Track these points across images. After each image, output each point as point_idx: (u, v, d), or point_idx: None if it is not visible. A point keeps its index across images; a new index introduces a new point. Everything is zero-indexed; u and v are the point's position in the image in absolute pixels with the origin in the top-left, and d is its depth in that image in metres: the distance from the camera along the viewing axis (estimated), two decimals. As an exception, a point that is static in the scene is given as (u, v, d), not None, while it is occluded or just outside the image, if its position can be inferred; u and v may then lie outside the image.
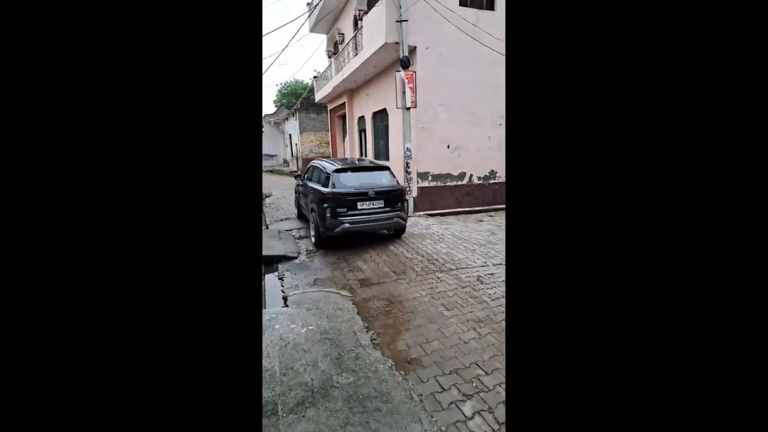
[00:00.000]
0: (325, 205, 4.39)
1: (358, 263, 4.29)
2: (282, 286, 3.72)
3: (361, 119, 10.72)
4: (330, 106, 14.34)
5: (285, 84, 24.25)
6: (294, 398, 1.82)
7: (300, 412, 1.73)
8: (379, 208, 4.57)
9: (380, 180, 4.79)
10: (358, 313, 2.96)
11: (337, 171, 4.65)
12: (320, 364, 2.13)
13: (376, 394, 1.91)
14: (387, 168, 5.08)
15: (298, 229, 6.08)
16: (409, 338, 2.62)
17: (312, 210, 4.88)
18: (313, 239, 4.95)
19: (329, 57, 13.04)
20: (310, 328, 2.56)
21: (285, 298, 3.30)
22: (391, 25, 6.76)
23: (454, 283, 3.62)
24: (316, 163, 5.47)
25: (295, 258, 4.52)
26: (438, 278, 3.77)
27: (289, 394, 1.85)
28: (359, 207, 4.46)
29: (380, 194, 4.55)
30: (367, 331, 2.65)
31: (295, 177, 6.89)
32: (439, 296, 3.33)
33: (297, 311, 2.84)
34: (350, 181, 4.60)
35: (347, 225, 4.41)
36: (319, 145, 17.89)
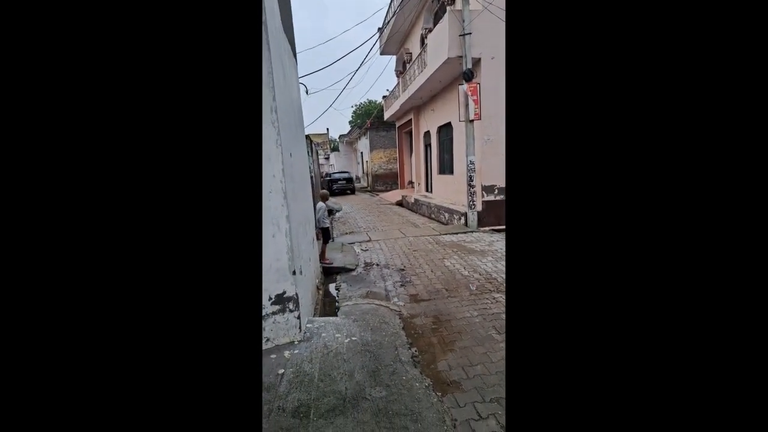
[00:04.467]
0: (330, 182, 17.22)
1: (411, 278, 4.29)
2: (337, 296, 3.93)
3: (427, 134, 10.81)
4: (398, 124, 14.79)
5: (359, 105, 25.84)
6: (326, 405, 1.91)
7: (330, 418, 1.81)
8: (344, 183, 17.48)
9: (345, 175, 18.19)
10: (403, 329, 2.96)
11: (335, 173, 20.00)
12: (356, 375, 2.19)
13: (407, 412, 1.88)
14: (348, 172, 19.60)
15: (360, 242, 6.35)
16: (452, 359, 2.52)
17: (327, 184, 16.51)
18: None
19: (398, 76, 13.54)
20: (353, 338, 2.66)
21: (337, 308, 3.48)
22: (455, 39, 6.77)
23: (510, 305, 3.36)
24: (329, 171, 22.21)
25: (353, 270, 4.74)
26: (494, 299, 3.55)
27: (322, 399, 1.95)
28: (338, 182, 17.35)
29: (344, 179, 17.68)
30: (410, 348, 2.63)
31: (325, 178, 16.96)
32: (492, 318, 3.13)
33: (344, 321, 2.97)
34: (337, 176, 18.26)
35: (335, 187, 16.87)
36: (387, 161, 18.48)
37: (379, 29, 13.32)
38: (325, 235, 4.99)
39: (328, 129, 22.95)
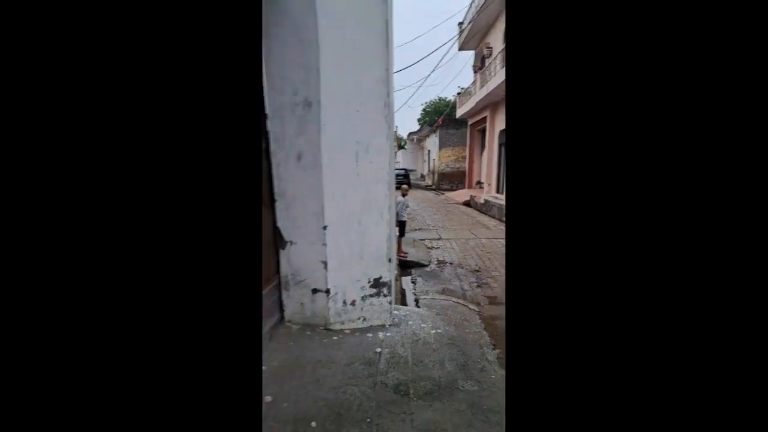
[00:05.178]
0: None
1: (487, 280, 4.22)
2: (414, 289, 4.04)
3: (502, 133, 10.37)
4: (470, 121, 14.41)
5: (429, 103, 25.68)
6: (423, 388, 2.01)
7: (428, 401, 1.90)
8: (401, 178, 11.61)
9: (403, 171, 15.85)
10: (485, 329, 2.95)
11: (395, 169, 13.30)
12: (446, 365, 2.26)
13: (500, 409, 1.89)
14: (405, 169, 18.00)
15: (430, 239, 6.39)
16: (542, 367, 2.45)
17: None
18: None
19: (475, 72, 13.17)
20: (439, 331, 2.73)
21: (417, 300, 3.58)
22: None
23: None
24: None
25: (427, 266, 4.81)
26: (582, 311, 3.34)
27: (419, 382, 2.05)
28: (397, 177, 17.33)
29: (401, 175, 13.66)
30: (494, 349, 2.62)
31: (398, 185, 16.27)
32: (583, 331, 2.95)
33: (428, 313, 3.06)
34: (396, 171, 14.06)
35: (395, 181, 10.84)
36: (455, 160, 18.14)
37: (460, 24, 13.07)
38: (401, 228, 5.14)
39: (397, 126, 23.47)
